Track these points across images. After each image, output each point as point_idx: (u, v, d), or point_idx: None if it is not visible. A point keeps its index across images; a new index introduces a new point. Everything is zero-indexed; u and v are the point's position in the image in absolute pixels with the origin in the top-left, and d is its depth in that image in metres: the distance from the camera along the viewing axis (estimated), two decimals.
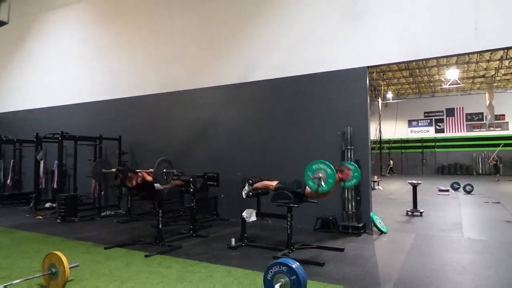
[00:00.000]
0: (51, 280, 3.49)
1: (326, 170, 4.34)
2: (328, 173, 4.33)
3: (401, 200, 10.86)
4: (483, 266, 4.42)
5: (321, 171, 4.36)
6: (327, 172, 4.33)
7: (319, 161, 4.45)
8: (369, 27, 6.51)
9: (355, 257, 4.74)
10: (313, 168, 4.43)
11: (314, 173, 4.40)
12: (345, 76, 6.66)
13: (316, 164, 4.43)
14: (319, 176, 4.33)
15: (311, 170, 4.43)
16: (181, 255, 4.82)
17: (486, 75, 20.31)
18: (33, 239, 5.93)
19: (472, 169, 24.59)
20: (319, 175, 4.34)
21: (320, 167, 4.39)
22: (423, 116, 26.43)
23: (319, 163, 4.43)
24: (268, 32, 7.57)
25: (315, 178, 4.36)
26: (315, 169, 4.41)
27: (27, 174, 10.95)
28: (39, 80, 11.68)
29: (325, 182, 4.32)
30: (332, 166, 4.40)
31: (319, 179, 4.32)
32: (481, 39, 5.66)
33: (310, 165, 4.49)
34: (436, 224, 7.16)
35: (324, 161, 4.42)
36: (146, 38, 9.43)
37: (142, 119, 9.31)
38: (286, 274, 3.16)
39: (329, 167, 4.35)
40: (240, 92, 7.87)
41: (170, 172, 5.20)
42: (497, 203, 10.03)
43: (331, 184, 4.33)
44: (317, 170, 4.39)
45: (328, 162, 4.44)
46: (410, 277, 3.95)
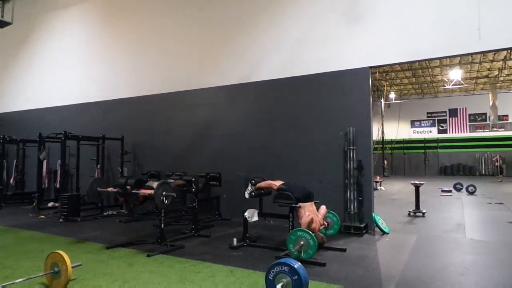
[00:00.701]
0: (53, 279, 3.50)
1: (308, 240, 4.33)
2: (309, 244, 4.31)
3: (404, 200, 10.83)
4: (485, 267, 4.40)
5: (302, 239, 4.36)
6: (308, 243, 4.32)
7: (304, 230, 4.44)
8: (371, 28, 6.50)
9: (357, 258, 4.73)
10: (297, 234, 4.42)
11: (296, 238, 4.39)
12: (347, 77, 6.66)
13: (301, 232, 4.42)
14: (300, 244, 4.34)
15: (294, 235, 4.43)
16: (183, 255, 4.83)
17: (489, 75, 20.24)
18: (36, 238, 5.95)
19: (475, 170, 24.50)
20: (301, 243, 4.34)
21: (303, 235, 4.38)
22: (426, 117, 26.36)
23: (303, 231, 4.41)
24: (271, 33, 7.58)
25: (296, 246, 4.36)
26: (299, 236, 4.40)
27: (30, 174, 10.99)
28: (42, 80, 11.73)
29: (304, 252, 4.33)
30: (314, 237, 4.34)
31: (300, 246, 4.33)
32: (484, 39, 5.64)
33: (295, 230, 4.48)
34: (439, 224, 7.14)
35: (308, 232, 4.40)
36: (149, 39, 9.45)
37: (144, 119, 9.33)
38: (288, 274, 3.16)
39: (312, 239, 4.31)
40: (242, 92, 7.88)
41: (170, 195, 5.18)
42: (500, 204, 9.99)
43: (310, 254, 4.33)
44: (300, 237, 4.38)
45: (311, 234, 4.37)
46: (412, 278, 3.94)
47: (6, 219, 7.74)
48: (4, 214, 8.62)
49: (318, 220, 4.97)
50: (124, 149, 9.16)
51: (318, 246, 4.42)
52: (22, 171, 11.27)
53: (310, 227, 4.70)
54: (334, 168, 6.59)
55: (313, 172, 6.76)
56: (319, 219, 5.03)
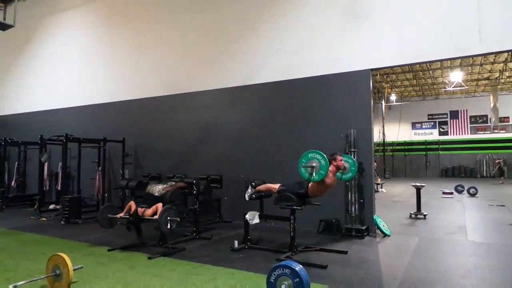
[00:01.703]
0: (55, 282, 3.51)
1: (320, 160, 4.32)
2: (321, 164, 4.31)
3: (405, 202, 10.82)
4: (487, 270, 4.39)
5: (314, 161, 4.34)
6: (320, 163, 4.31)
7: (315, 151, 4.44)
8: (372, 30, 6.52)
9: (359, 260, 4.73)
10: (308, 157, 4.42)
11: (308, 161, 4.37)
12: (348, 79, 6.67)
13: (312, 153, 4.42)
14: (312, 165, 4.31)
15: (306, 158, 4.42)
16: (184, 257, 4.83)
17: (490, 77, 20.22)
18: (38, 241, 5.96)
19: (476, 172, 24.45)
20: (312, 164, 4.32)
21: (314, 156, 4.37)
22: (427, 119, 26.34)
23: (315, 152, 4.42)
24: (272, 35, 7.60)
25: (307, 166, 4.33)
26: (310, 157, 4.39)
27: (32, 176, 11.00)
28: (43, 83, 11.77)
29: (316, 173, 4.29)
30: (326, 157, 4.39)
31: (312, 167, 4.29)
32: (485, 42, 5.66)
33: (306, 153, 4.48)
34: (440, 227, 7.12)
35: (319, 152, 4.40)
36: (150, 41, 9.48)
37: (145, 121, 9.35)
38: (289, 277, 3.16)
39: (323, 158, 4.33)
40: (243, 95, 7.89)
41: (174, 220, 5.21)
42: (502, 206, 9.97)
43: (322, 175, 4.31)
44: (311, 159, 4.37)
45: (323, 153, 4.43)
46: (413, 280, 3.94)
47: (7, 221, 7.75)
48: (6, 216, 8.63)
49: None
50: (125, 152, 9.18)
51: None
52: (24, 174, 11.30)
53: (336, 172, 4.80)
54: None
55: None
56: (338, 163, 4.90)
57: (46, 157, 9.15)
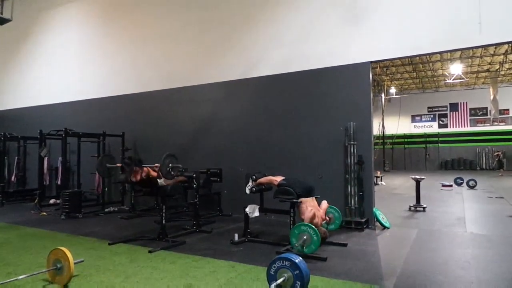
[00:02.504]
0: (56, 276, 3.52)
1: (312, 235, 4.32)
2: (313, 239, 4.31)
3: (404, 195, 10.85)
4: (486, 261, 4.42)
5: (305, 234, 4.35)
6: (312, 238, 4.32)
7: (308, 225, 4.43)
8: (372, 22, 6.47)
9: (358, 252, 4.75)
10: (300, 228, 4.41)
11: (300, 233, 4.38)
12: (348, 72, 6.64)
13: (304, 226, 4.42)
14: (303, 238, 4.34)
15: (298, 229, 4.42)
16: (184, 250, 4.85)
17: (490, 69, 20.16)
18: (38, 235, 5.98)
19: (475, 164, 24.50)
20: (304, 238, 4.34)
21: (307, 230, 4.37)
22: (427, 111, 26.32)
23: (307, 226, 4.41)
24: (271, 28, 7.55)
25: (299, 244, 4.34)
26: (302, 230, 4.39)
27: (32, 171, 11.01)
28: (42, 77, 11.72)
29: (307, 246, 4.33)
30: (318, 232, 4.34)
31: (303, 241, 4.33)
32: (485, 33, 5.62)
33: (299, 224, 4.48)
34: (439, 219, 7.15)
35: (312, 227, 4.39)
36: (148, 35, 9.42)
37: (145, 115, 9.33)
38: (289, 269, 3.18)
39: (316, 234, 4.31)
40: (243, 88, 7.86)
41: (176, 167, 5.21)
42: (501, 198, 10.00)
43: (312, 249, 4.33)
44: (303, 232, 4.38)
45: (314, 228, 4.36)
46: (413, 272, 3.96)
47: (8, 216, 7.77)
48: (6, 211, 8.65)
49: (320, 215, 4.98)
50: (125, 146, 9.17)
51: (320, 241, 4.44)
52: (24, 168, 11.30)
53: (312, 222, 4.70)
54: (334, 163, 6.60)
55: (314, 167, 6.77)
56: (321, 213, 5.05)
57: (46, 152, 9.15)
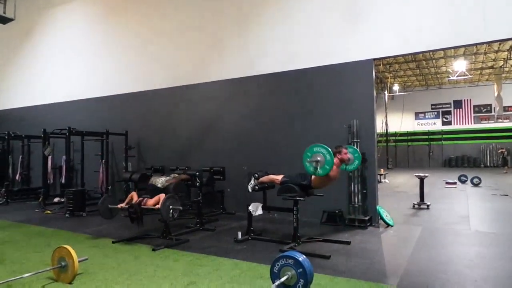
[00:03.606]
0: (60, 273, 3.55)
1: (325, 155, 4.29)
2: (326, 159, 4.28)
3: (408, 193, 10.81)
4: (490, 259, 4.40)
5: (319, 155, 4.31)
6: (325, 158, 4.29)
7: (320, 145, 4.41)
8: (375, 19, 6.44)
9: (362, 250, 4.75)
10: (313, 150, 4.38)
11: (312, 155, 4.35)
12: (351, 69, 6.61)
13: (317, 147, 4.39)
14: (316, 159, 4.28)
15: (311, 152, 4.39)
16: (188, 248, 4.87)
17: (494, 66, 20.02)
18: (43, 233, 6.02)
19: (479, 162, 24.37)
20: (317, 159, 4.29)
21: (319, 151, 4.34)
22: (430, 108, 26.17)
23: (319, 146, 4.39)
24: (274, 26, 7.52)
25: (312, 161, 4.31)
26: (315, 151, 4.36)
27: (36, 170, 11.08)
28: (46, 76, 11.76)
29: (321, 167, 4.27)
30: (331, 151, 4.37)
31: (316, 162, 4.27)
32: (490, 30, 5.57)
33: (311, 147, 4.45)
34: (443, 217, 7.13)
35: (325, 146, 4.37)
36: (151, 33, 9.43)
37: (148, 114, 9.35)
38: (292, 267, 3.17)
39: (329, 153, 4.30)
40: (246, 86, 7.85)
41: (177, 209, 5.20)
42: (505, 195, 9.95)
43: (326, 170, 4.29)
44: (316, 153, 4.34)
45: (328, 148, 4.41)
46: (416, 270, 3.95)
47: (12, 215, 7.82)
48: (11, 209, 8.71)
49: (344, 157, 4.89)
50: (128, 144, 9.20)
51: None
52: (28, 167, 11.37)
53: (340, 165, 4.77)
54: None
55: None
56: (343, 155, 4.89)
57: (50, 151, 9.19)
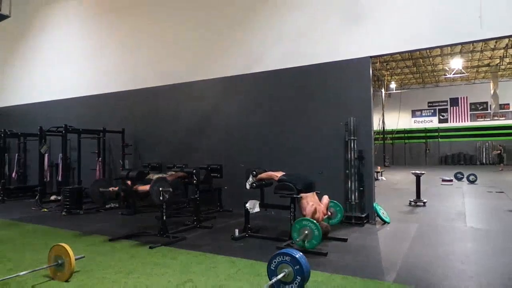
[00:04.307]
0: (57, 272, 3.54)
1: (313, 230, 4.34)
2: (314, 234, 4.33)
3: (405, 190, 10.86)
4: (485, 255, 4.44)
5: (307, 228, 4.36)
6: (313, 232, 4.33)
7: (309, 220, 4.45)
8: (372, 17, 6.44)
9: (359, 247, 4.77)
10: (302, 223, 4.42)
11: (301, 227, 4.39)
12: (348, 67, 6.62)
13: (306, 221, 4.43)
14: (305, 233, 4.34)
15: (299, 224, 4.43)
16: (185, 246, 4.87)
17: (490, 64, 20.10)
18: (39, 231, 6.00)
19: (476, 159, 24.50)
20: (305, 232, 4.35)
21: (308, 224, 4.38)
22: (427, 106, 26.28)
23: (309, 221, 4.42)
24: (271, 23, 7.51)
25: (300, 239, 4.35)
26: (303, 225, 4.40)
27: (32, 168, 11.03)
28: (42, 74, 11.70)
29: (308, 241, 4.34)
30: (319, 226, 4.35)
31: (305, 236, 4.33)
32: (486, 27, 5.59)
33: (300, 220, 4.49)
34: (440, 214, 7.17)
35: (313, 221, 4.40)
36: (148, 30, 9.39)
37: (145, 111, 9.32)
38: (289, 264, 3.19)
39: (317, 228, 4.33)
40: (243, 84, 7.85)
41: (167, 191, 5.20)
42: (501, 192, 10.02)
43: (314, 244, 4.35)
44: (304, 226, 4.38)
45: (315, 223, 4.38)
46: (412, 266, 3.97)
47: (9, 213, 7.79)
48: (7, 208, 8.67)
49: (321, 210, 4.98)
50: (125, 142, 9.18)
51: (322, 235, 4.45)
52: (24, 165, 11.32)
53: (313, 217, 4.71)
54: (335, 158, 6.60)
55: (314, 163, 6.77)
56: (322, 208, 5.05)
57: (46, 149, 9.15)
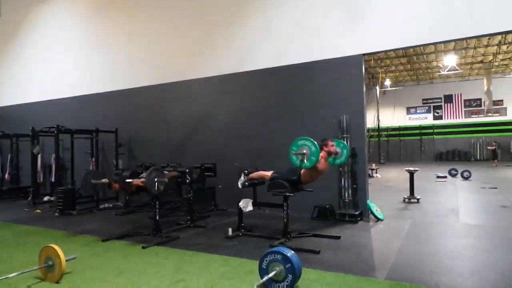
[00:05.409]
0: (48, 273, 3.52)
1: (310, 147, 4.33)
2: (312, 151, 4.31)
3: (399, 187, 10.89)
4: (478, 251, 4.46)
5: (305, 148, 4.34)
6: (311, 149, 4.31)
7: (305, 138, 4.43)
8: (364, 15, 6.43)
9: (351, 245, 4.78)
10: (298, 144, 4.41)
11: (298, 148, 4.37)
12: (340, 64, 6.62)
13: (302, 140, 4.42)
14: (302, 152, 4.31)
15: (296, 145, 4.41)
16: (178, 245, 4.86)
17: (484, 60, 20.19)
18: (32, 232, 5.96)
19: (470, 155, 24.65)
20: (303, 151, 4.32)
21: (304, 143, 4.37)
22: (422, 103, 26.36)
23: (305, 139, 4.41)
24: (263, 21, 7.49)
25: (298, 154, 4.33)
26: (300, 145, 4.38)
27: (25, 168, 10.92)
28: (34, 74, 11.60)
29: (307, 159, 4.30)
30: (316, 143, 4.39)
31: (303, 155, 4.30)
32: (477, 24, 5.61)
33: (296, 141, 4.47)
34: (433, 210, 7.20)
35: (309, 138, 4.41)
36: (140, 29, 9.33)
37: (138, 111, 9.27)
38: (281, 262, 3.19)
39: (314, 145, 4.33)
40: (235, 82, 7.82)
41: (162, 181, 5.18)
42: (494, 188, 10.08)
43: (313, 161, 4.32)
44: (302, 146, 4.36)
45: (313, 140, 4.42)
46: (404, 263, 3.99)
47: (1, 214, 7.73)
48: (0, 208, 8.60)
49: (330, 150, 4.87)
50: (118, 142, 9.13)
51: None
52: (17, 166, 11.22)
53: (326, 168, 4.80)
54: None
55: None
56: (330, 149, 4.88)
57: (39, 149, 9.08)
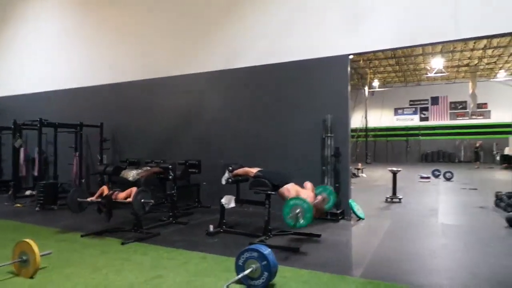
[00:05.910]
0: (21, 268, 3.47)
1: (302, 205, 4.29)
2: (305, 208, 4.27)
3: (383, 187, 10.99)
4: (453, 250, 4.56)
5: (298, 207, 4.30)
6: (303, 207, 4.28)
7: (295, 198, 4.43)
8: (352, 15, 6.48)
9: (331, 243, 4.83)
10: (290, 204, 4.36)
11: (291, 209, 4.33)
12: (326, 64, 6.66)
13: (293, 200, 4.39)
14: (296, 212, 4.29)
15: (288, 207, 4.36)
16: (158, 242, 4.83)
17: (470, 64, 20.55)
18: (10, 227, 5.87)
19: (454, 157, 25.09)
20: (297, 211, 4.29)
21: (296, 203, 4.35)
22: (409, 105, 26.71)
23: (295, 199, 4.40)
24: (252, 19, 7.49)
25: (293, 217, 4.29)
26: (292, 205, 4.35)
27: (7, 162, 10.69)
28: (18, 67, 11.38)
29: (303, 217, 4.27)
30: (308, 201, 4.34)
31: (297, 215, 4.28)
32: (461, 28, 5.69)
33: (287, 202, 4.42)
34: (414, 210, 7.32)
35: (299, 197, 4.40)
36: (128, 24, 9.22)
37: (124, 106, 9.17)
38: (257, 260, 3.21)
39: (305, 202, 4.29)
40: (223, 79, 7.81)
41: (148, 202, 5.16)
42: (474, 189, 10.29)
43: (309, 219, 4.27)
44: (294, 206, 4.33)
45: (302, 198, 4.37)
46: (381, 261, 4.05)
47: None
48: None
49: (308, 194, 4.84)
50: (103, 137, 9.03)
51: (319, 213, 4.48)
52: None
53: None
54: (312, 155, 6.64)
55: (292, 159, 6.81)
56: (309, 193, 4.91)
57: (20, 142, 8.91)
